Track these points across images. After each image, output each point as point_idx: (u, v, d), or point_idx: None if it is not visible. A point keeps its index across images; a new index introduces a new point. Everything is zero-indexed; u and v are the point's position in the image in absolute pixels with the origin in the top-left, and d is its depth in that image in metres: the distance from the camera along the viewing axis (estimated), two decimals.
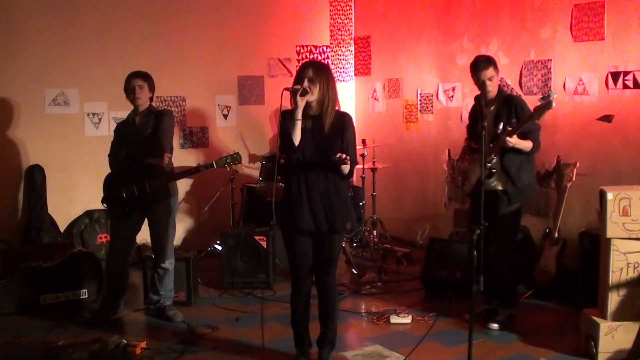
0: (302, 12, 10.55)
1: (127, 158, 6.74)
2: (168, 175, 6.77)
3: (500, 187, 6.38)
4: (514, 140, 6.09)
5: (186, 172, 6.98)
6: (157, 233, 6.92)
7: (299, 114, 5.24)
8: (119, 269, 6.99)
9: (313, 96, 5.25)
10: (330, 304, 5.63)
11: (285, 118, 5.31)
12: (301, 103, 5.21)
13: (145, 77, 6.80)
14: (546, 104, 5.79)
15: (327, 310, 5.63)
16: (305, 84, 5.23)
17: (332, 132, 5.34)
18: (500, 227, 6.44)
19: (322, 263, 5.53)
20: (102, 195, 6.94)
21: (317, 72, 5.29)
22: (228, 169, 6.92)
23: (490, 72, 6.34)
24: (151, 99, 6.88)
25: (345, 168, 5.27)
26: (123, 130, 6.89)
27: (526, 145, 6.23)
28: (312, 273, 5.59)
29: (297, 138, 5.27)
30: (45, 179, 8.69)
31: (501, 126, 6.23)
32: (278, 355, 5.96)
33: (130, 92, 6.74)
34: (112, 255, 7.02)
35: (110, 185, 6.83)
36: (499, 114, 6.33)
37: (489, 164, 6.27)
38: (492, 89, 6.39)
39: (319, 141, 5.34)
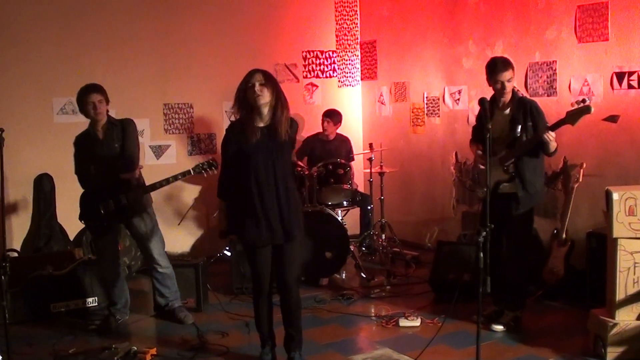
0: (307, 18, 10.58)
1: (99, 175, 6.72)
2: (145, 187, 6.84)
3: (512, 191, 6.37)
4: (552, 136, 6.06)
5: (163, 181, 6.86)
6: (143, 243, 6.98)
7: None
8: (111, 281, 7.04)
9: (264, 99, 5.29)
10: (296, 314, 5.72)
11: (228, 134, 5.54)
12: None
13: (102, 90, 6.76)
14: (585, 107, 5.86)
15: (290, 311, 5.71)
16: (257, 87, 5.27)
17: (285, 144, 5.41)
18: (511, 230, 6.46)
19: (282, 277, 5.59)
20: (78, 217, 6.99)
21: (266, 76, 5.32)
22: (205, 175, 6.91)
23: (509, 73, 6.28)
24: (107, 111, 6.85)
25: None
26: (87, 145, 6.82)
27: (554, 144, 6.21)
28: (272, 278, 5.69)
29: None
30: (54, 187, 8.73)
31: (519, 129, 6.23)
32: None
33: (89, 108, 6.69)
34: (101, 269, 7.13)
35: (87, 203, 6.83)
36: (515, 118, 6.32)
37: (508, 168, 6.31)
38: (507, 90, 6.34)
39: (273, 151, 5.39)
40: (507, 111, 6.40)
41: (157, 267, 6.97)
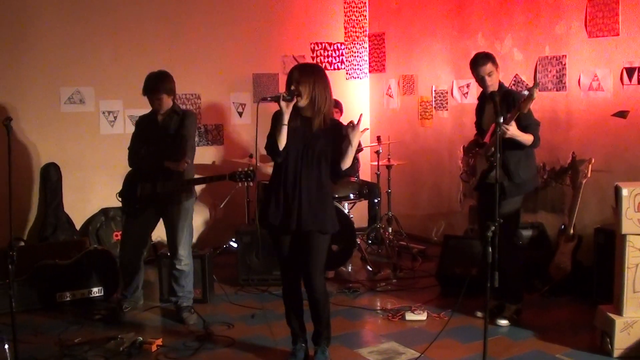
0: (316, 10, 10.56)
1: (148, 156, 6.74)
2: (181, 182, 6.74)
3: (499, 181, 6.38)
4: (512, 129, 6.07)
5: (199, 179, 7.03)
6: (170, 234, 6.91)
7: (286, 119, 5.27)
8: (128, 265, 7.03)
9: (302, 100, 5.27)
10: (322, 305, 5.60)
11: (276, 119, 5.36)
12: (287, 109, 5.24)
13: (164, 89, 6.66)
14: (529, 95, 5.90)
15: (318, 310, 5.62)
16: (293, 87, 5.25)
17: (322, 135, 5.34)
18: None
19: (305, 264, 5.49)
20: (117, 192, 6.99)
21: (303, 74, 5.28)
22: (239, 185, 6.86)
23: (488, 67, 6.38)
24: (174, 99, 6.83)
25: (347, 160, 5.30)
26: (145, 126, 6.86)
27: (527, 138, 6.21)
28: (300, 271, 5.58)
29: (282, 143, 5.31)
30: (61, 177, 8.74)
31: (501, 120, 6.24)
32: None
33: (153, 104, 6.73)
34: (122, 250, 7.10)
35: (129, 181, 6.89)
36: (500, 108, 6.33)
37: (491, 158, 6.31)
38: (492, 83, 6.41)
39: (308, 142, 5.35)
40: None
41: (177, 262, 6.87)
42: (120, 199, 6.97)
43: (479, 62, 6.42)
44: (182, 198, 6.81)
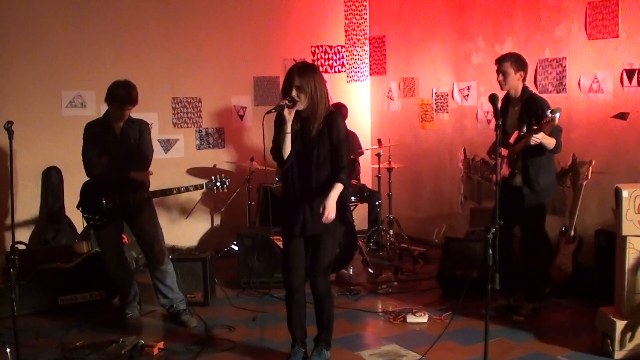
0: (317, 13, 10.57)
1: (111, 168, 6.63)
2: (155, 192, 6.74)
3: (520, 185, 6.45)
4: (540, 137, 6.09)
5: (174, 189, 6.84)
6: (146, 237, 6.86)
7: (289, 127, 5.28)
8: (120, 274, 7.00)
9: (302, 104, 5.25)
10: (325, 306, 5.62)
11: (279, 125, 5.36)
12: (289, 116, 5.25)
13: (132, 100, 6.56)
14: (551, 119, 5.95)
15: (322, 312, 5.63)
16: (294, 93, 5.21)
17: (319, 134, 5.33)
18: (522, 222, 6.53)
19: (312, 265, 5.51)
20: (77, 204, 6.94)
21: (303, 77, 5.24)
22: (215, 192, 6.91)
23: (502, 67, 6.46)
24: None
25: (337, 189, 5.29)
26: (101, 135, 6.70)
27: (551, 141, 6.21)
28: (306, 275, 5.58)
29: (286, 151, 5.33)
30: (63, 180, 8.75)
31: (524, 129, 6.28)
32: None
33: (116, 113, 6.59)
34: (108, 264, 6.97)
35: (90, 194, 6.76)
36: (522, 115, 6.39)
37: (513, 165, 6.38)
38: (504, 84, 6.49)
39: (307, 144, 5.35)
40: (517, 108, 6.48)
41: (159, 265, 6.83)
42: (80, 210, 6.90)
43: (499, 59, 6.55)
44: (147, 203, 6.80)
